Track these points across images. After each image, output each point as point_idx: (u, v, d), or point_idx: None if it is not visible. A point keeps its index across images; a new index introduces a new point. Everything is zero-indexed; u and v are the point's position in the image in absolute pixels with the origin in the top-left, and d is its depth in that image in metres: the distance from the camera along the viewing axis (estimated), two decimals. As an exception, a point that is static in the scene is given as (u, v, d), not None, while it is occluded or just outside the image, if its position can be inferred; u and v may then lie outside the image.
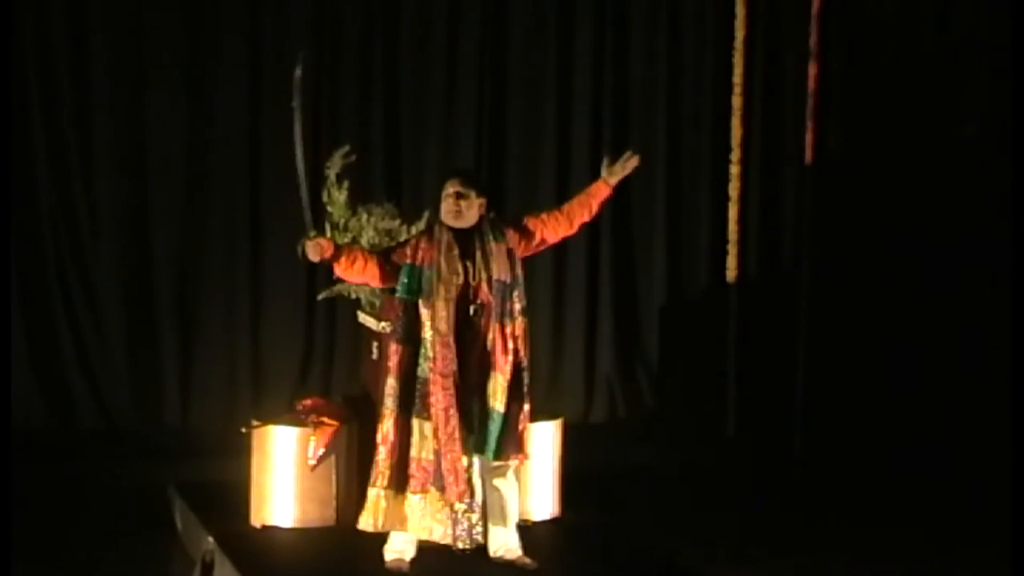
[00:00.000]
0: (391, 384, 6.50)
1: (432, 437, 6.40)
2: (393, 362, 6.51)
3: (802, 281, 10.14)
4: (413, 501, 6.45)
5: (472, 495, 6.45)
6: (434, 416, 6.39)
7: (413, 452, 6.44)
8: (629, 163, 6.73)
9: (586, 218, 6.75)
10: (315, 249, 6.45)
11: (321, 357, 9.78)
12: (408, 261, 6.48)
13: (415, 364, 6.45)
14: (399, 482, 6.48)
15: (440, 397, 6.38)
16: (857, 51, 10.10)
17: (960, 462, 9.88)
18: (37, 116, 9.35)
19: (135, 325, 9.60)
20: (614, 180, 6.74)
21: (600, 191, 6.74)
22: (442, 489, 6.40)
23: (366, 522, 6.53)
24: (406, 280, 6.48)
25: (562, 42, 10.14)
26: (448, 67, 9.99)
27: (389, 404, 6.49)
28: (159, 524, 7.94)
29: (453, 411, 6.39)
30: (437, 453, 6.40)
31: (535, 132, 10.16)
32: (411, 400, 6.44)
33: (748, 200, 10.22)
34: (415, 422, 6.44)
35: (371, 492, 6.53)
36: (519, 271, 6.55)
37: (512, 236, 6.57)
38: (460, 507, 6.42)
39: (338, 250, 6.50)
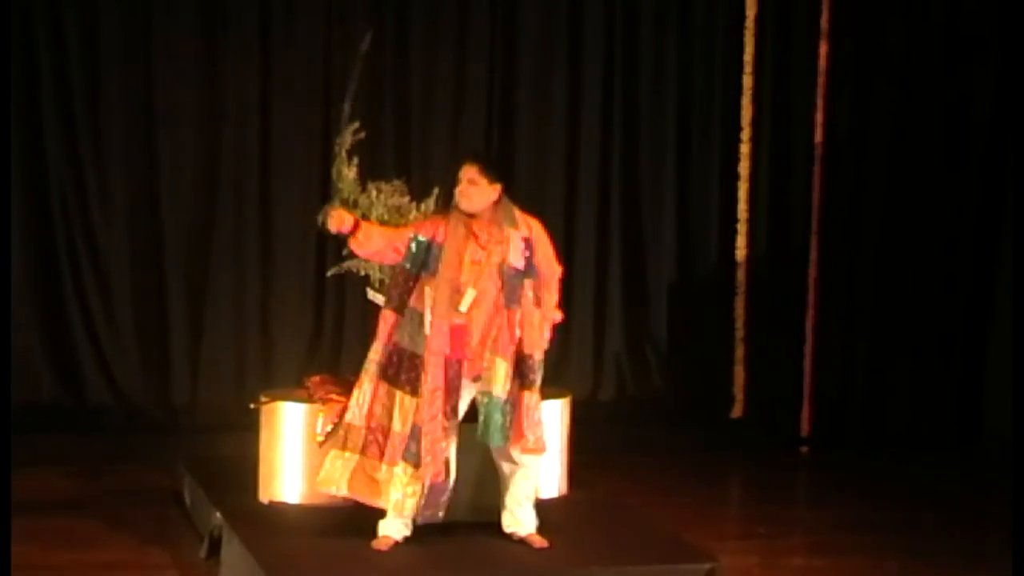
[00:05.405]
0: (377, 349, 6.50)
1: (414, 412, 6.38)
2: (383, 329, 6.50)
3: (811, 260, 10.13)
4: (385, 471, 6.44)
5: (447, 475, 6.46)
6: (422, 394, 6.38)
7: (392, 424, 6.42)
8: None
9: None
10: (337, 220, 6.49)
11: (330, 334, 9.77)
12: (425, 236, 6.48)
13: (406, 335, 6.45)
14: (370, 449, 6.47)
15: (431, 377, 6.36)
16: (867, 30, 10.08)
17: (968, 440, 9.91)
18: (48, 101, 9.33)
19: (144, 301, 9.59)
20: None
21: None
22: (416, 465, 6.40)
23: (328, 484, 6.52)
24: (414, 251, 6.49)
25: (573, 19, 10.10)
26: (459, 43, 9.96)
27: (371, 369, 6.49)
28: (168, 500, 7.97)
29: (440, 392, 6.37)
30: (416, 428, 6.38)
31: (545, 107, 10.12)
32: (395, 370, 6.44)
33: (758, 179, 10.20)
34: (398, 394, 6.43)
35: (335, 454, 6.51)
36: (536, 262, 6.54)
37: (529, 229, 6.56)
38: (429, 485, 6.41)
39: (357, 224, 6.55)
